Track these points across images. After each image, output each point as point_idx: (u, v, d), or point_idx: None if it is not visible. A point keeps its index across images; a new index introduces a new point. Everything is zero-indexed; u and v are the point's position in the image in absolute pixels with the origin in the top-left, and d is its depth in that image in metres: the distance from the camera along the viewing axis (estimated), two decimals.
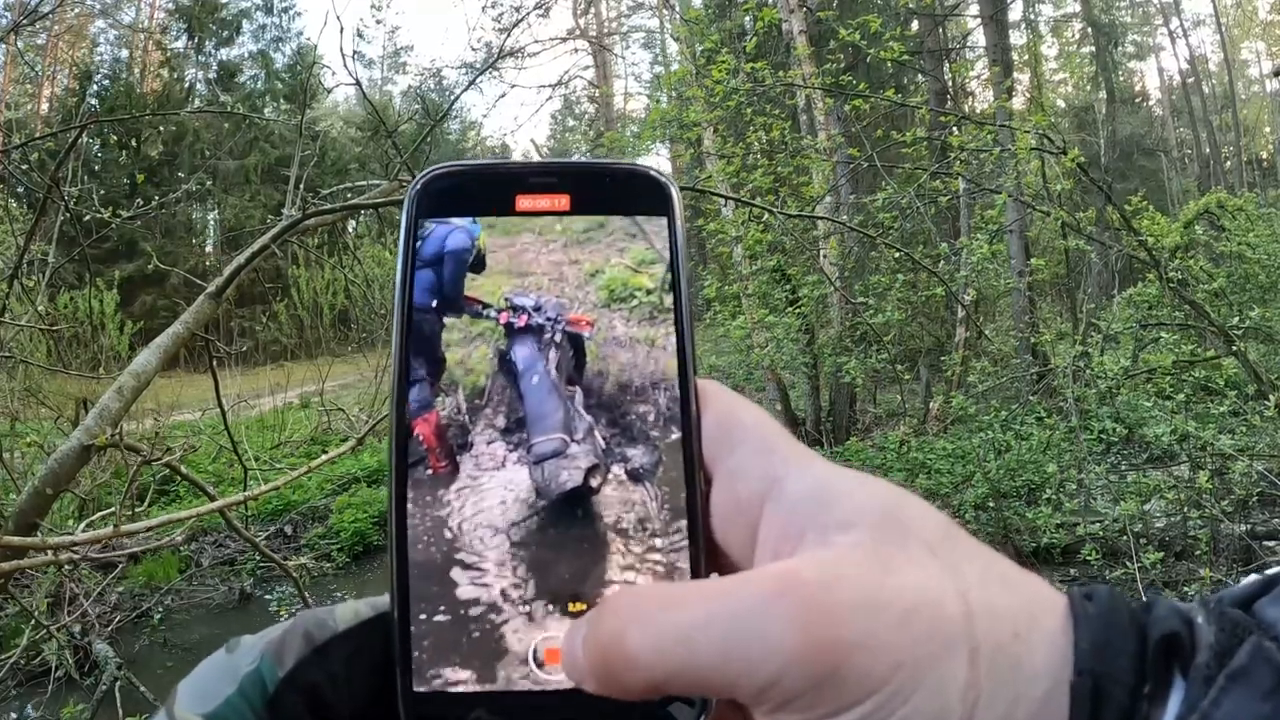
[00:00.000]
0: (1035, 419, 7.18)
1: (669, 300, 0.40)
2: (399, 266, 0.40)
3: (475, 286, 0.39)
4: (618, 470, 0.37)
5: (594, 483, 0.36)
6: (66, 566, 4.23)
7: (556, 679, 0.37)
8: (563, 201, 0.42)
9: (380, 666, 0.38)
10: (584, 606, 0.37)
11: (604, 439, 0.37)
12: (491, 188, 0.42)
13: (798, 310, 8.07)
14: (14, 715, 5.51)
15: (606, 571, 0.37)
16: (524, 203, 0.42)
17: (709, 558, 0.38)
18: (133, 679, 5.45)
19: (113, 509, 2.24)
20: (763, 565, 0.35)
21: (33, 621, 4.10)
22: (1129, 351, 7.72)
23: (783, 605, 0.30)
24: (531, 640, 0.37)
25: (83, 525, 3.48)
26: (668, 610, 0.32)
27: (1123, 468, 7.32)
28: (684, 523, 0.38)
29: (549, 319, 0.37)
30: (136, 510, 6.73)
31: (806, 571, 0.32)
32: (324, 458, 2.43)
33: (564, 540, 0.37)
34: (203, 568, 8.53)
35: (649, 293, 0.39)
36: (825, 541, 0.34)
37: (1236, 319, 7.01)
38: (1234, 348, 6.71)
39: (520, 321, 0.38)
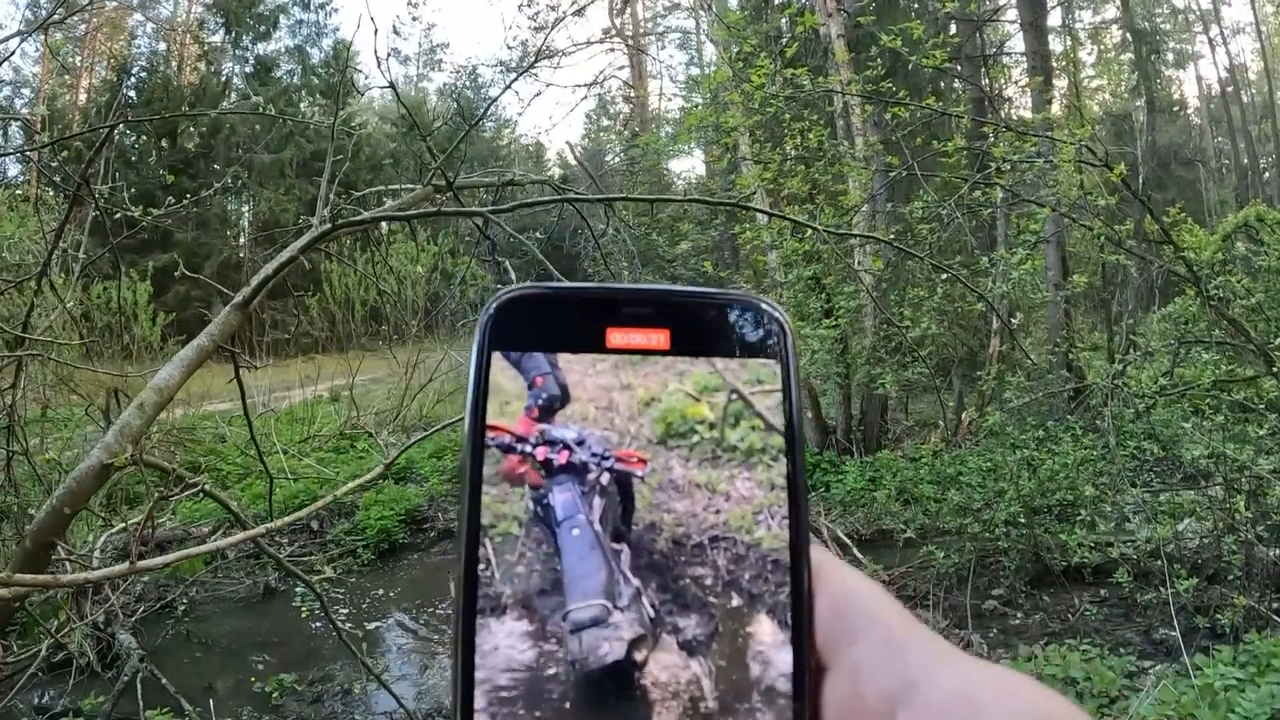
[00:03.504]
0: (1070, 436, 7.06)
1: (739, 438, 0.34)
2: (469, 402, 0.34)
3: (505, 413, 0.33)
4: (670, 645, 0.31)
5: (638, 657, 0.30)
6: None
7: None
8: (660, 338, 0.35)
9: None
10: None
11: (653, 607, 0.31)
12: (578, 318, 0.36)
13: (833, 321, 8.00)
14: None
15: None
16: (616, 338, 0.35)
17: None
18: (155, 671, 5.48)
19: (135, 521, 2.22)
20: None
21: (55, 616, 4.12)
22: (1165, 368, 7.58)
23: None
24: None
25: (102, 539, 3.49)
26: None
27: (1156, 486, 7.18)
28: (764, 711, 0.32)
29: (594, 455, 0.32)
30: (159, 516, 6.79)
31: None
32: (348, 486, 2.40)
33: None
34: (228, 560, 8.59)
35: (711, 427, 0.34)
36: None
37: (1278, 339, 6.84)
38: (1274, 368, 6.55)
39: (560, 459, 0.32)
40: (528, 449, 0.32)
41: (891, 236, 6.72)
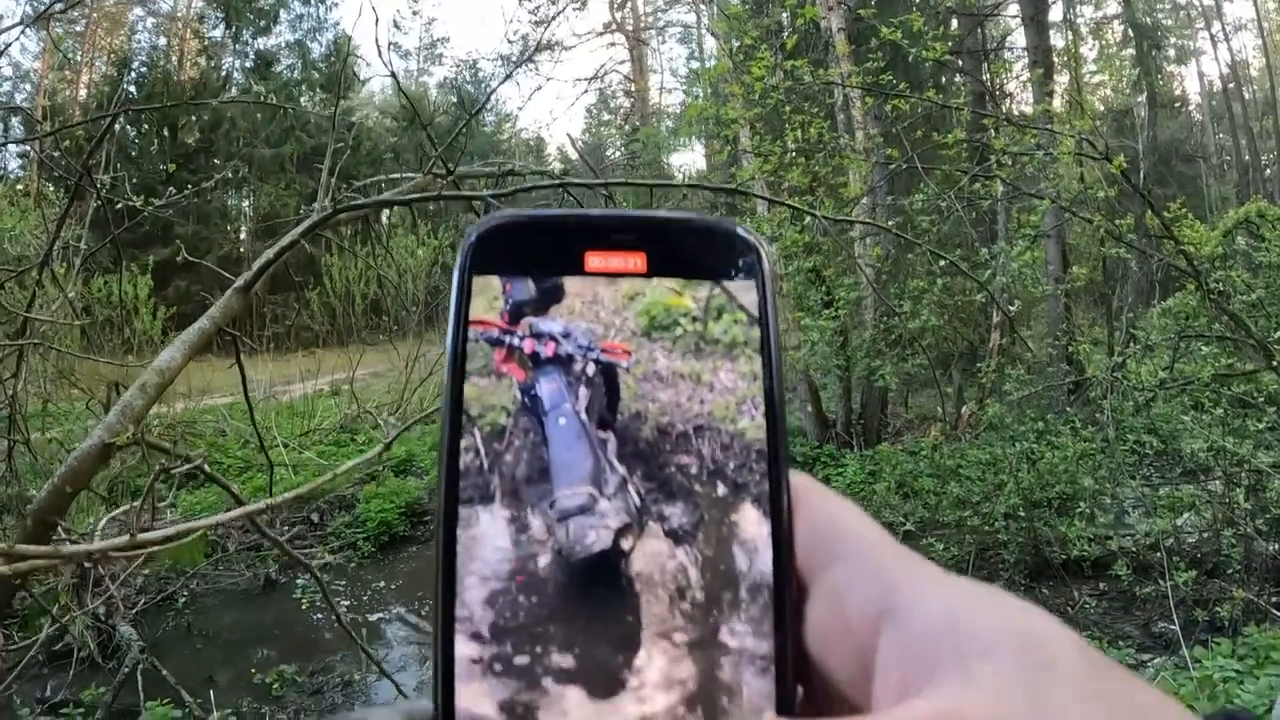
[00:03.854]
0: (1070, 429, 7.06)
1: (721, 331, 0.35)
2: (450, 324, 0.35)
3: (491, 311, 0.34)
4: (656, 532, 0.31)
5: (624, 545, 0.30)
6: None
7: None
8: (637, 261, 0.36)
9: None
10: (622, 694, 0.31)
11: (639, 494, 0.31)
12: (558, 243, 0.37)
13: (832, 315, 8.00)
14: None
15: (651, 658, 0.31)
16: (594, 261, 0.36)
17: (799, 670, 0.33)
18: (155, 662, 5.49)
19: (136, 502, 2.22)
20: (889, 697, 0.31)
21: (56, 604, 4.12)
22: (1165, 362, 7.58)
23: None
24: None
25: (103, 522, 3.49)
26: None
27: (1155, 481, 7.19)
28: (763, 615, 0.32)
29: (579, 347, 0.32)
30: (160, 503, 6.80)
31: (969, 712, 0.28)
32: (349, 464, 2.41)
33: (595, 618, 0.31)
34: (229, 553, 8.60)
35: (694, 319, 0.34)
36: (966, 671, 0.29)
37: (1278, 333, 6.84)
38: (1274, 362, 6.55)
39: (547, 350, 0.33)
40: (515, 341, 0.32)
41: (889, 223, 6.72)
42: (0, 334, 4.53)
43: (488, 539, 0.31)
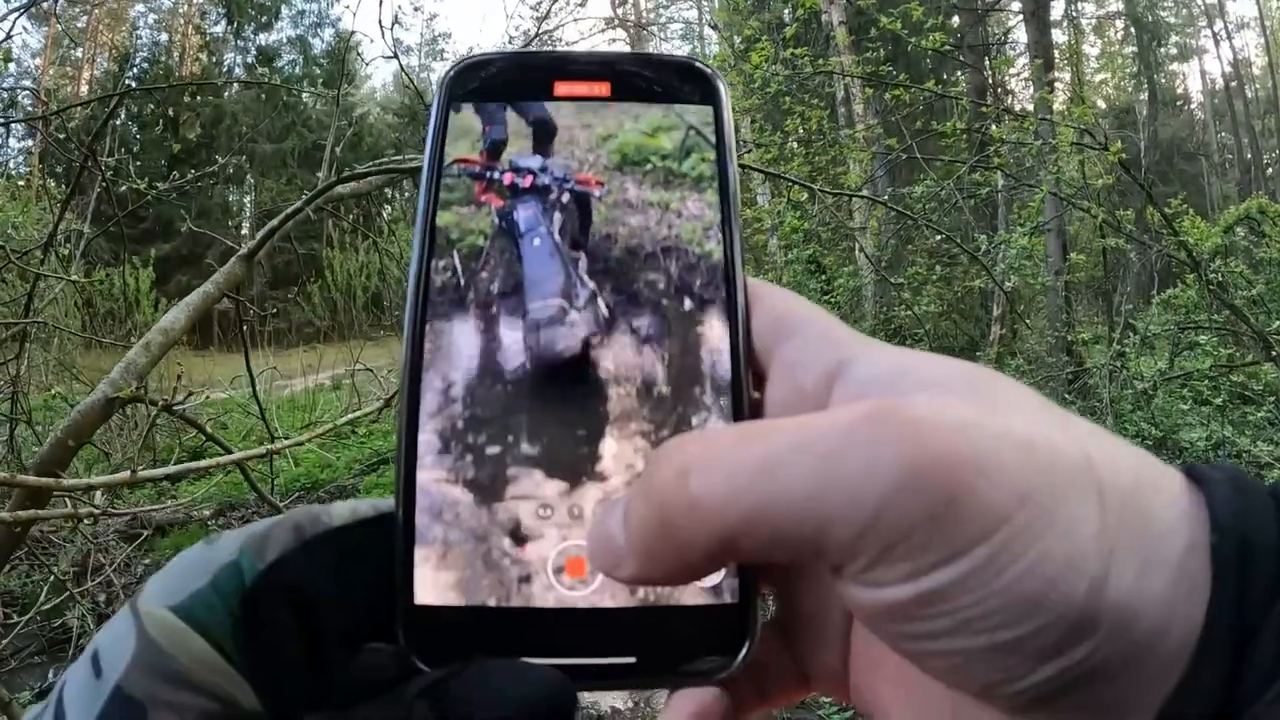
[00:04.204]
0: None
1: (690, 167, 0.37)
2: (427, 152, 0.37)
3: (471, 147, 0.36)
4: (623, 338, 0.33)
5: (592, 349, 0.33)
6: (90, 524, 4.26)
7: (577, 594, 0.32)
8: (602, 89, 0.39)
9: (377, 573, 0.33)
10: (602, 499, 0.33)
11: (608, 307, 0.33)
12: (529, 74, 0.39)
13: (832, 300, 8.01)
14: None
15: (614, 444, 0.33)
16: (562, 89, 0.39)
17: None
18: None
19: (141, 445, 2.26)
20: None
21: (52, 578, 4.13)
22: (1165, 354, 7.59)
23: (885, 427, 0.25)
24: (551, 549, 0.33)
25: (105, 478, 3.49)
26: (741, 442, 0.26)
27: None
28: (722, 403, 0.34)
29: (555, 179, 0.34)
30: (162, 467, 6.78)
31: (904, 402, 0.27)
32: (350, 415, 2.42)
33: (562, 414, 0.33)
34: None
35: (664, 157, 0.37)
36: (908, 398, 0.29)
37: (1277, 324, 6.85)
38: (1273, 353, 6.57)
39: (525, 182, 0.35)
40: (494, 175, 0.35)
41: (885, 199, 6.72)
42: (3, 318, 4.55)
43: (461, 346, 0.33)
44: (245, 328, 3.33)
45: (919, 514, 0.24)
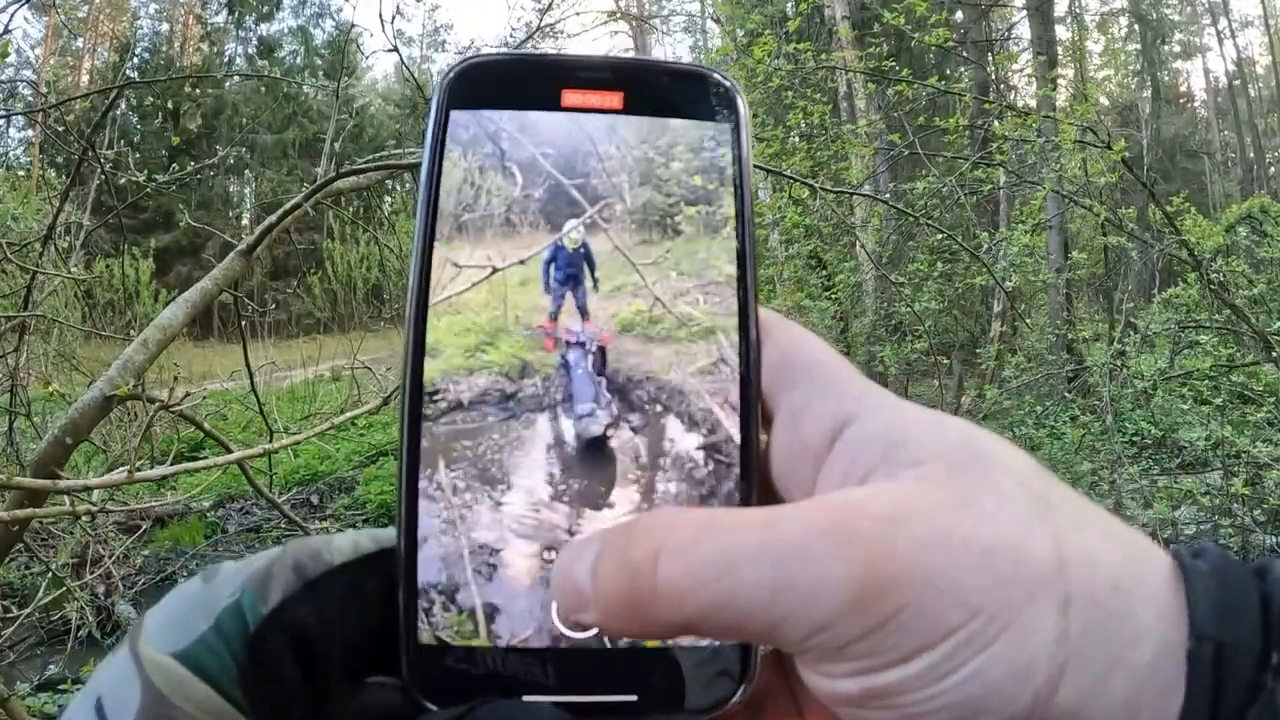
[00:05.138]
0: (1069, 417, 7.07)
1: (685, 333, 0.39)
2: (425, 161, 0.38)
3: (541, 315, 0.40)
4: (626, 424, 0.38)
5: (610, 432, 0.37)
6: (88, 522, 4.27)
7: (578, 634, 0.33)
8: (614, 100, 0.38)
9: (380, 610, 0.33)
10: None
11: (616, 409, 0.38)
12: (534, 79, 0.39)
13: (832, 295, 8.02)
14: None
15: (625, 492, 0.37)
16: (571, 98, 0.38)
17: (764, 500, 0.35)
18: None
19: (139, 444, 2.25)
20: None
21: (50, 575, 4.14)
22: (1165, 353, 7.58)
23: (842, 537, 0.26)
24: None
25: (103, 477, 3.49)
26: (710, 534, 0.28)
27: (1154, 472, 7.20)
28: (727, 466, 0.36)
29: (588, 338, 0.38)
30: (157, 466, 6.79)
31: (871, 502, 0.28)
32: (347, 415, 2.42)
33: (593, 487, 0.36)
34: (228, 534, 8.64)
35: (652, 322, 0.39)
36: (893, 474, 0.30)
37: (1278, 324, 6.84)
38: (1274, 353, 6.56)
39: (572, 339, 0.39)
40: (557, 335, 0.39)
41: (887, 196, 6.72)
42: (2, 310, 4.54)
43: (539, 437, 0.38)
44: (244, 322, 3.33)
45: (866, 626, 0.26)
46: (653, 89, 0.39)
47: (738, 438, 0.36)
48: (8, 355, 4.18)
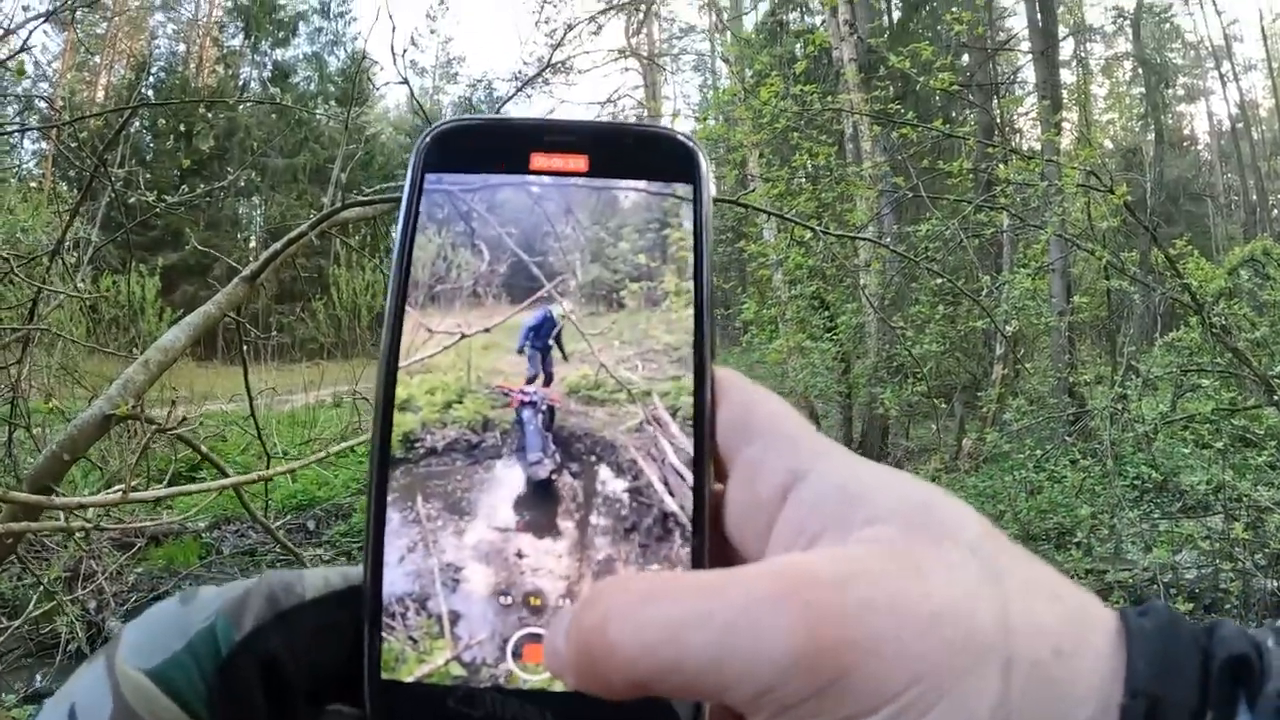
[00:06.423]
0: (1069, 461, 7.04)
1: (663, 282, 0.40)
2: (400, 221, 0.40)
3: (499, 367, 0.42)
4: (567, 470, 0.40)
5: (554, 476, 0.39)
6: (83, 539, 4.26)
7: (536, 677, 0.35)
8: (579, 163, 0.41)
9: (347, 645, 0.35)
10: (564, 599, 0.37)
11: (560, 457, 0.40)
12: (505, 144, 0.41)
13: (834, 336, 8.02)
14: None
15: (591, 566, 0.38)
16: (539, 161, 0.41)
17: (717, 557, 0.36)
18: None
19: (135, 466, 2.26)
20: None
21: (42, 588, 4.13)
22: (1167, 397, 7.57)
23: (787, 603, 0.27)
24: (511, 634, 0.36)
25: (99, 494, 3.49)
26: (655, 602, 0.29)
27: (1155, 515, 7.15)
28: (676, 518, 0.38)
29: (540, 398, 0.41)
30: (154, 486, 6.77)
31: (818, 566, 0.29)
32: (344, 444, 2.43)
33: (540, 520, 0.39)
34: (223, 555, 8.58)
35: (594, 386, 0.41)
36: (845, 535, 0.31)
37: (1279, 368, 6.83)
38: (1275, 397, 6.54)
39: (526, 399, 0.41)
40: (515, 394, 0.41)
41: (888, 240, 6.75)
42: (8, 322, 4.56)
43: (498, 479, 0.40)
44: (246, 347, 3.35)
45: (807, 690, 0.27)
46: (616, 152, 0.41)
47: (659, 486, 0.38)
48: (10, 367, 4.19)
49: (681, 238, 0.41)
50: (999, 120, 11.51)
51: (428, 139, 0.41)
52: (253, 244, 27.71)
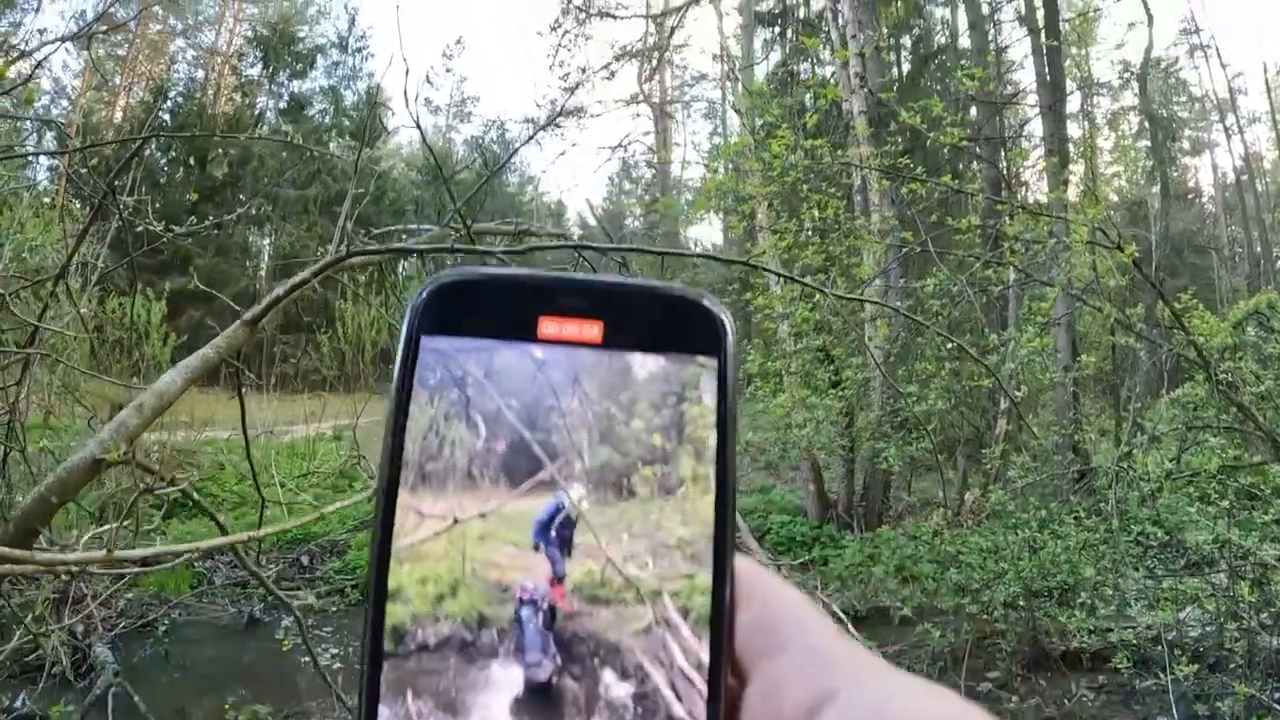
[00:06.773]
0: (1073, 518, 6.97)
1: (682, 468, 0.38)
2: (393, 390, 0.38)
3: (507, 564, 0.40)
4: (568, 674, 0.39)
5: (555, 679, 0.38)
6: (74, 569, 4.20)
7: None
8: (593, 330, 0.38)
9: None
10: None
11: (561, 659, 0.39)
12: (511, 305, 0.38)
13: (839, 393, 8.00)
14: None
15: None
16: (548, 327, 0.38)
17: None
18: (128, 687, 5.40)
19: (119, 522, 2.22)
20: None
21: (32, 615, 4.08)
22: (1172, 453, 7.50)
23: None
24: None
25: (86, 538, 3.47)
26: None
27: (1159, 573, 7.06)
28: (653, 714, 0.37)
29: (541, 596, 0.39)
30: (147, 527, 6.72)
31: None
32: (337, 505, 2.40)
33: (536, 709, 0.38)
34: (214, 586, 8.51)
35: (600, 584, 0.40)
36: None
37: None
38: None
39: (527, 596, 0.39)
40: (520, 593, 0.39)
41: (896, 303, 6.75)
42: (9, 342, 4.56)
43: (494, 681, 0.39)
44: (243, 389, 3.32)
45: None
46: (635, 318, 0.38)
47: (667, 692, 0.37)
48: (9, 388, 4.17)
49: (701, 414, 0.38)
50: (1006, 174, 11.58)
51: (424, 294, 0.38)
52: (261, 272, 27.83)
